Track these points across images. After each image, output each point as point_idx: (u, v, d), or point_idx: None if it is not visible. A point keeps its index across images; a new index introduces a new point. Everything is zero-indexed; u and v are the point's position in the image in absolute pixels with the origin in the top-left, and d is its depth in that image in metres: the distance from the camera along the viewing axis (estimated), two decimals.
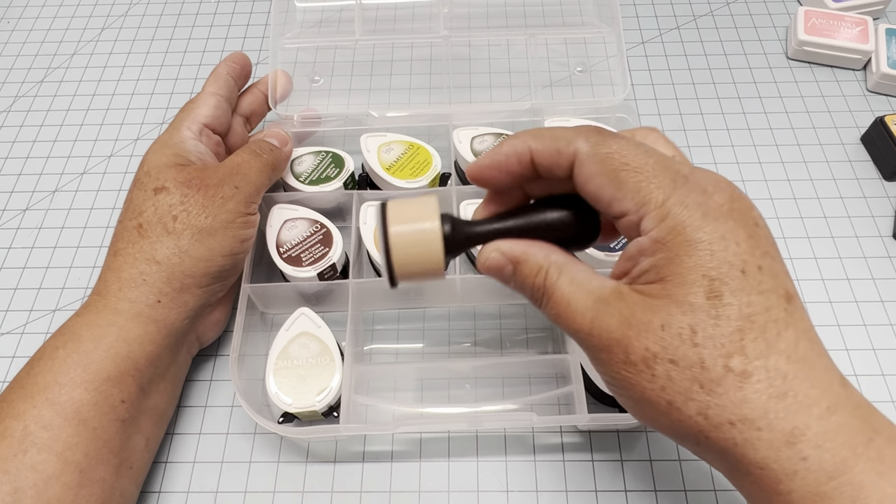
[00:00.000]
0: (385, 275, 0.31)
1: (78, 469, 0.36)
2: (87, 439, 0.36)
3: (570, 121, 0.52)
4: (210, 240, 0.41)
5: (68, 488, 0.35)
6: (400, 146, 0.52)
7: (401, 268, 0.31)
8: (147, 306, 0.40)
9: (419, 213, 0.31)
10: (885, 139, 0.54)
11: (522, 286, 0.31)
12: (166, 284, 0.40)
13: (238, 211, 0.43)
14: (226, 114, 0.48)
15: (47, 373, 0.37)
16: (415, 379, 0.45)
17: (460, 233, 0.31)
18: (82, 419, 0.36)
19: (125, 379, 0.38)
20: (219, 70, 0.49)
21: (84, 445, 0.36)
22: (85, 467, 0.36)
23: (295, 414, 0.42)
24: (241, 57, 0.51)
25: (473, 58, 0.63)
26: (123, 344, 0.39)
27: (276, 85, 0.52)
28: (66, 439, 0.36)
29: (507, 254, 0.30)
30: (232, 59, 0.50)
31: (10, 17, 0.69)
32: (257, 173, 0.45)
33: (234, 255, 0.43)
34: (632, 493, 0.42)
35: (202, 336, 0.46)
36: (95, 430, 0.37)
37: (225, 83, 0.48)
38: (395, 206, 0.31)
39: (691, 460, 0.43)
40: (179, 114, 0.46)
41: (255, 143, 0.47)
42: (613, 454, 0.44)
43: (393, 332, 0.49)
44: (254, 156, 0.45)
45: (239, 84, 0.50)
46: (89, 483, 0.36)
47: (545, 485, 0.43)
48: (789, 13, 0.66)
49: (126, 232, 0.41)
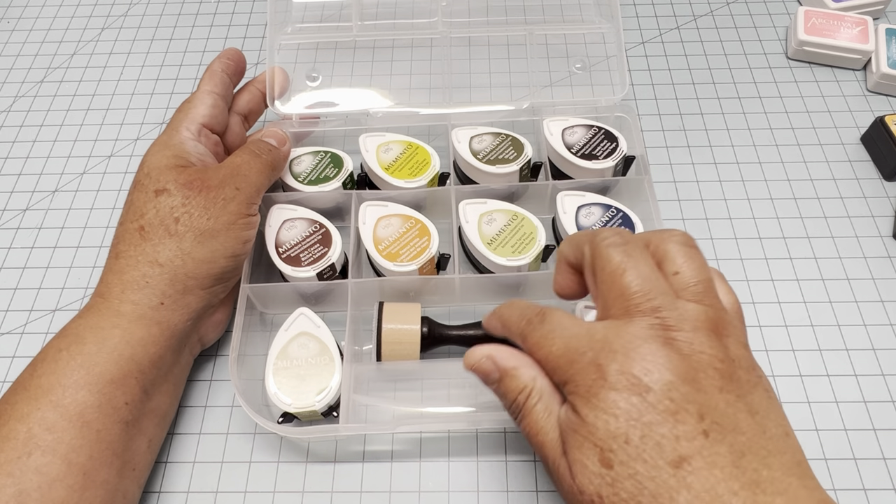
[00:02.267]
0: (374, 354, 0.43)
1: (82, 471, 0.36)
2: (91, 441, 0.36)
3: (568, 120, 0.52)
4: (212, 241, 0.41)
5: (72, 491, 0.35)
6: (398, 146, 0.52)
7: (387, 354, 0.43)
8: (150, 308, 0.40)
9: (406, 316, 0.43)
10: (885, 139, 0.54)
11: (503, 396, 0.34)
12: (169, 287, 0.40)
13: (239, 212, 0.43)
14: (223, 112, 0.48)
15: (50, 375, 0.37)
16: (415, 379, 0.45)
17: (434, 333, 0.44)
18: (86, 421, 0.36)
19: (128, 381, 0.38)
20: (213, 67, 0.49)
21: (88, 448, 0.36)
22: (89, 469, 0.36)
23: (294, 414, 0.42)
24: (236, 53, 0.50)
25: (473, 58, 0.63)
26: (127, 346, 0.39)
27: (273, 82, 0.52)
28: (70, 442, 0.36)
29: (499, 365, 0.33)
30: (226, 55, 0.50)
31: (10, 17, 0.69)
32: (257, 174, 0.45)
33: (236, 257, 0.43)
34: None
35: (204, 337, 0.46)
36: (99, 432, 0.37)
37: (220, 81, 0.48)
38: (390, 307, 0.44)
39: None
40: (176, 114, 0.46)
41: (254, 143, 0.47)
42: None
43: None
44: (253, 156, 0.45)
45: (234, 80, 0.50)
46: (93, 485, 0.36)
47: (545, 485, 0.43)
48: (789, 13, 0.66)
49: (127, 234, 0.41)
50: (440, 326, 0.44)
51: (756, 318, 0.49)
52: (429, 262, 0.46)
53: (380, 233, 0.47)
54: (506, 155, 0.51)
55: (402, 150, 0.52)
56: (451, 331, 0.44)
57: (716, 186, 0.55)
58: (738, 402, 0.27)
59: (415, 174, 0.50)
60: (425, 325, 0.44)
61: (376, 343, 0.43)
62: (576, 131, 0.52)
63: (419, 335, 0.43)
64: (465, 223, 0.47)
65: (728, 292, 0.32)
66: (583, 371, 0.29)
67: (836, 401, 0.45)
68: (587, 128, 0.52)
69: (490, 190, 0.50)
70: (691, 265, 0.30)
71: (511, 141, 0.52)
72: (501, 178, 0.51)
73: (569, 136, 0.51)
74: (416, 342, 0.43)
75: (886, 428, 0.44)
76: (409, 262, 0.45)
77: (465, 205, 0.48)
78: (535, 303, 0.34)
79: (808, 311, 0.49)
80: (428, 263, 0.46)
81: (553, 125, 0.52)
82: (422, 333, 0.43)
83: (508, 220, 0.47)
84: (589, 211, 0.48)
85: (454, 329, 0.44)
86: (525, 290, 0.48)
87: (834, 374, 0.46)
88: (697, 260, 0.31)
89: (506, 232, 0.47)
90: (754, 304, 0.49)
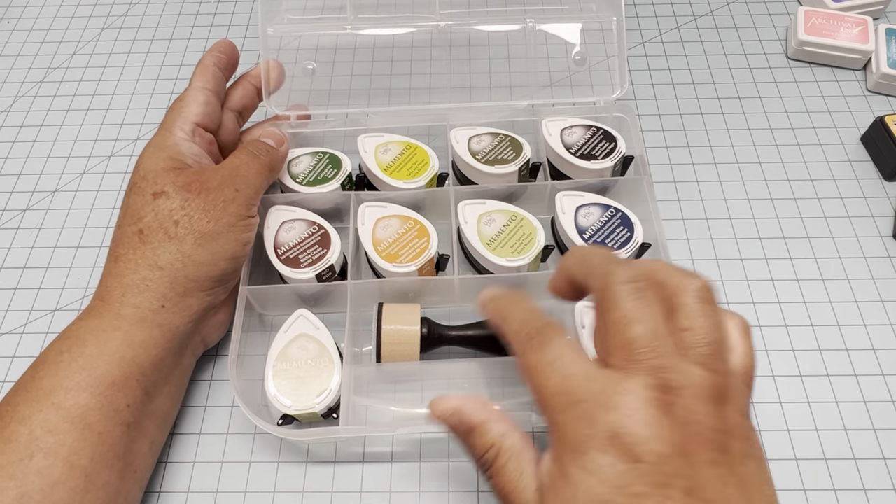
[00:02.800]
0: (374, 355, 0.43)
1: (84, 474, 0.36)
2: (93, 444, 0.36)
3: (567, 120, 0.52)
4: (213, 244, 0.41)
5: (74, 493, 0.35)
6: (397, 146, 0.52)
7: (386, 356, 0.43)
8: (151, 311, 0.40)
9: (406, 317, 0.44)
10: (885, 139, 0.54)
11: (471, 452, 0.33)
12: (170, 290, 0.40)
13: (239, 214, 0.43)
14: (216, 110, 0.48)
15: (52, 377, 0.37)
16: (414, 380, 0.45)
17: (434, 333, 0.44)
18: (88, 424, 0.36)
19: (130, 383, 0.38)
20: (205, 62, 0.48)
21: (90, 450, 0.36)
22: (90, 472, 0.36)
23: (294, 416, 0.42)
24: (227, 45, 0.50)
25: (473, 58, 0.63)
26: (128, 348, 0.39)
27: (269, 76, 0.52)
28: (71, 444, 0.36)
29: (465, 421, 0.33)
30: (218, 48, 0.49)
31: (10, 17, 0.69)
32: (256, 175, 0.45)
33: (236, 259, 0.43)
34: None
35: (207, 337, 0.46)
36: (101, 434, 0.37)
37: (213, 76, 0.48)
38: (389, 308, 0.44)
39: None
40: (169, 113, 0.46)
41: (252, 144, 0.47)
42: None
43: None
44: (252, 157, 0.45)
45: (227, 75, 0.50)
46: (94, 488, 0.36)
47: None
48: (789, 13, 0.66)
49: (126, 237, 0.41)
50: (440, 327, 0.45)
51: (756, 318, 0.49)
52: (428, 263, 0.46)
53: (379, 234, 0.47)
54: (504, 155, 0.51)
55: (401, 151, 0.52)
56: (451, 331, 0.45)
57: (716, 186, 0.55)
58: (728, 476, 0.26)
59: (413, 175, 0.50)
60: (425, 326, 0.44)
61: (376, 344, 0.43)
62: (574, 131, 0.52)
63: (419, 336, 0.43)
64: (464, 224, 0.47)
65: (745, 351, 0.30)
66: (575, 422, 0.28)
67: (836, 401, 0.45)
68: (586, 128, 0.52)
69: (489, 190, 0.50)
70: (704, 324, 0.29)
71: (510, 141, 0.52)
72: (500, 178, 0.51)
73: (567, 136, 0.51)
74: (416, 343, 0.43)
75: (886, 428, 0.44)
76: (409, 263, 0.45)
77: (464, 205, 0.48)
78: (538, 309, 0.34)
79: (808, 311, 0.49)
80: (427, 264, 0.46)
81: (552, 125, 0.52)
82: (421, 334, 0.44)
83: (507, 221, 0.47)
84: (588, 211, 0.48)
85: (454, 329, 0.45)
86: (524, 290, 0.48)
87: (834, 374, 0.46)
88: (712, 318, 0.29)
89: (505, 232, 0.47)
90: (754, 304, 0.49)
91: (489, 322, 0.37)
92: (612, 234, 0.46)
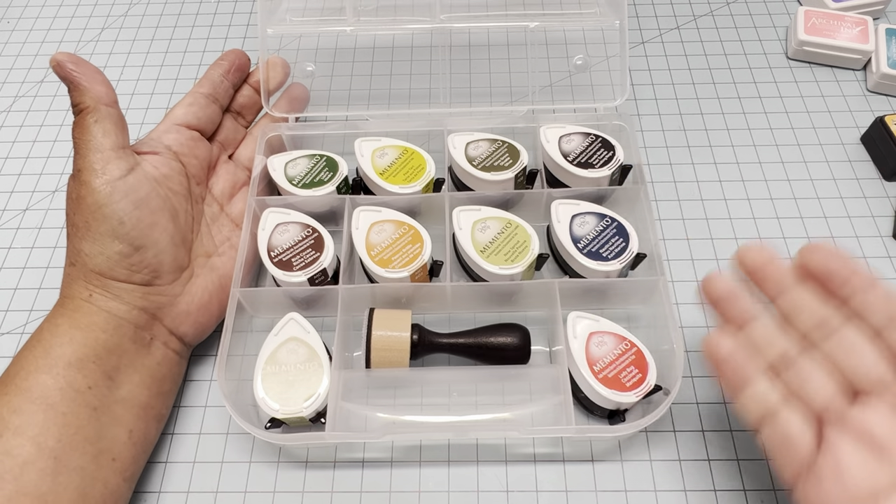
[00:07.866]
0: (363, 360, 0.43)
1: (52, 455, 0.37)
2: (58, 424, 0.37)
3: (565, 127, 0.52)
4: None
5: (44, 474, 0.36)
6: (394, 151, 0.52)
7: (376, 362, 0.43)
8: (83, 300, 0.41)
9: (396, 323, 0.44)
10: (885, 139, 0.54)
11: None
12: (87, 280, 0.42)
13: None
14: (203, 109, 0.49)
15: (15, 364, 0.39)
16: (404, 386, 0.45)
17: (424, 340, 0.44)
18: (50, 403, 0.37)
19: (87, 364, 0.39)
20: (208, 72, 0.51)
21: (56, 430, 0.37)
22: (59, 454, 0.37)
23: (282, 419, 0.42)
24: (231, 54, 0.51)
25: (473, 60, 0.62)
26: (77, 331, 0.40)
27: (268, 76, 0.53)
28: (38, 423, 0.37)
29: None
30: (221, 57, 0.51)
31: (10, 17, 0.70)
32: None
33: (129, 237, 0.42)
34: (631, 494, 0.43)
35: (177, 329, 0.45)
36: (65, 415, 0.38)
37: (208, 80, 0.50)
38: (380, 314, 0.44)
39: (690, 460, 0.43)
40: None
41: None
42: (615, 456, 0.44)
43: None
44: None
45: (231, 79, 0.51)
46: (66, 470, 0.37)
47: (545, 485, 0.43)
48: (789, 13, 0.66)
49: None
50: (430, 334, 0.45)
51: None
52: (421, 269, 0.46)
53: (372, 238, 0.47)
54: (501, 162, 0.50)
55: (398, 156, 0.51)
56: (442, 339, 0.45)
57: (716, 186, 0.55)
58: None
59: (409, 180, 0.50)
60: (415, 333, 0.44)
61: (366, 350, 0.43)
62: (573, 139, 0.51)
63: (409, 342, 0.43)
64: (458, 230, 0.47)
65: None
66: None
67: None
68: (584, 135, 0.51)
69: (485, 197, 0.50)
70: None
71: (507, 148, 0.51)
72: (496, 185, 0.50)
73: (565, 143, 0.51)
74: (406, 349, 0.43)
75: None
76: (401, 269, 0.45)
77: (459, 212, 0.48)
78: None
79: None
80: (420, 270, 0.46)
81: (550, 132, 0.52)
82: (412, 341, 0.44)
83: (502, 228, 0.47)
84: (583, 220, 0.47)
85: (445, 337, 0.45)
86: (518, 298, 0.48)
87: None
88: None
89: (499, 240, 0.46)
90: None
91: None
92: (606, 243, 0.46)
